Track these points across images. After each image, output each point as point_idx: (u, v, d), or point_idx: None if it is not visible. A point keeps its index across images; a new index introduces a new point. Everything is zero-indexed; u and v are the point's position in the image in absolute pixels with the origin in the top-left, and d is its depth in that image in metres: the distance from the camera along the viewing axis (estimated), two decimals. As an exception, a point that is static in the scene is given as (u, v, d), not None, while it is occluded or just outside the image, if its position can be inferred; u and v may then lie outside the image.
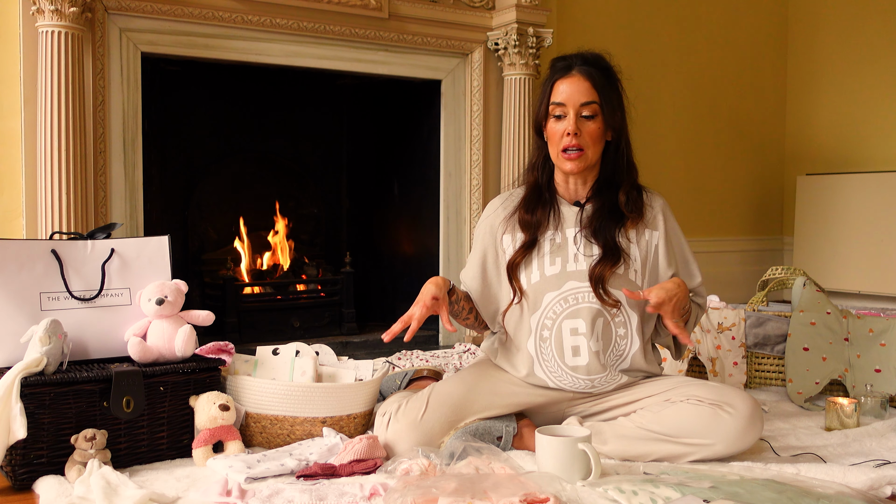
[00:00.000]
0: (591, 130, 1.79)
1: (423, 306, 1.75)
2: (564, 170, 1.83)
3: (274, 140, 3.55)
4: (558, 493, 1.38)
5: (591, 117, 1.79)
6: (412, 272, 3.51)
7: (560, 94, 1.81)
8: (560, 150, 1.81)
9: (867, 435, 2.00)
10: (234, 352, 1.97)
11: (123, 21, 2.64)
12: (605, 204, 1.85)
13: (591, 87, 1.79)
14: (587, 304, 1.81)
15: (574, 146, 1.79)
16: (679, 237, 1.92)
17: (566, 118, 1.80)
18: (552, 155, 1.85)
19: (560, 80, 1.82)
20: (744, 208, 4.65)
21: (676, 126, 4.31)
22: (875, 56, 4.29)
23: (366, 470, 1.64)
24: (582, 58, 1.83)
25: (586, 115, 1.79)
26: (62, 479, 1.58)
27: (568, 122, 1.79)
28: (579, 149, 1.79)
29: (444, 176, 3.30)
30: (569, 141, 1.79)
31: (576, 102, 1.79)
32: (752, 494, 1.41)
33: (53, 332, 1.66)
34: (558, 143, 1.81)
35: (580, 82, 1.80)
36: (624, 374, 1.84)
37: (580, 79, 1.80)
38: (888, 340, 2.32)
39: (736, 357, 2.49)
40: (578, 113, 1.79)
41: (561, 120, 1.81)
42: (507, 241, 1.90)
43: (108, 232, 1.93)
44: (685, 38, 4.31)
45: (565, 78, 1.81)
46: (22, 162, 2.51)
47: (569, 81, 1.80)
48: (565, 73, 1.82)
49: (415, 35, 3.15)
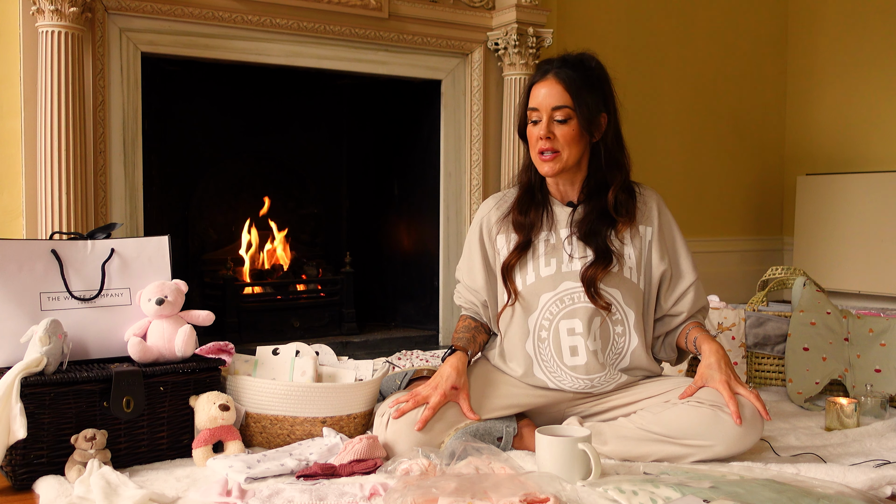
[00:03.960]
0: (565, 133, 1.81)
1: (442, 395, 1.78)
2: (541, 172, 1.86)
3: (274, 140, 3.55)
4: (558, 493, 1.38)
5: (563, 121, 1.81)
6: (412, 272, 3.51)
7: (534, 98, 1.83)
8: (536, 153, 1.84)
9: (867, 435, 2.00)
10: (234, 352, 1.96)
11: (123, 21, 2.64)
12: (597, 206, 1.86)
13: (564, 91, 1.80)
14: (583, 303, 1.81)
15: (548, 149, 1.81)
16: (673, 232, 1.92)
17: (540, 122, 1.82)
18: (532, 157, 1.87)
19: (536, 85, 1.84)
20: (744, 208, 4.65)
21: (676, 126, 4.32)
22: (875, 56, 4.29)
23: (366, 470, 1.64)
24: (562, 60, 1.84)
25: (559, 118, 1.81)
26: (62, 479, 1.58)
27: (540, 127, 1.81)
28: (553, 151, 1.81)
29: (444, 176, 3.30)
30: (542, 145, 1.81)
31: (547, 107, 1.81)
32: (752, 494, 1.41)
33: (53, 332, 1.66)
34: (535, 146, 1.84)
35: (553, 86, 1.81)
36: (624, 374, 1.85)
37: (553, 82, 1.81)
38: (888, 340, 2.32)
39: (736, 357, 2.49)
40: (552, 117, 1.81)
41: (536, 125, 1.83)
42: (501, 241, 1.91)
43: (108, 232, 1.93)
44: (685, 39, 4.31)
45: (540, 82, 1.84)
46: (22, 162, 2.51)
47: (543, 85, 1.83)
48: (541, 77, 1.84)
49: (415, 35, 3.15)
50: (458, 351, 1.88)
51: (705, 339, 1.83)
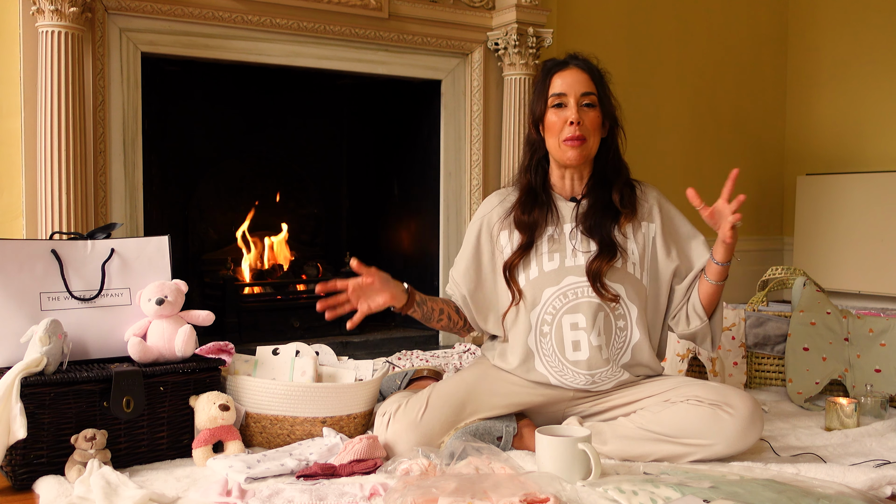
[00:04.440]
0: (592, 118, 1.82)
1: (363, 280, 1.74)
2: (566, 158, 1.83)
3: (274, 140, 3.55)
4: (558, 493, 1.38)
5: (591, 106, 1.82)
6: (412, 272, 3.51)
7: (559, 85, 1.84)
8: (562, 140, 1.82)
9: (867, 435, 2.00)
10: (234, 352, 1.96)
11: (123, 21, 2.64)
12: (600, 200, 1.86)
13: (590, 79, 1.84)
14: (587, 298, 1.81)
15: (577, 136, 1.81)
16: (676, 223, 1.92)
17: (567, 108, 1.82)
18: (552, 147, 1.86)
19: (558, 74, 1.85)
20: (744, 208, 4.54)
21: (676, 126, 4.31)
22: (875, 56, 4.29)
23: (366, 470, 1.64)
24: (574, 56, 1.88)
25: (587, 104, 1.82)
26: (62, 479, 1.58)
27: (570, 111, 1.81)
28: (582, 138, 1.81)
29: (444, 176, 3.30)
30: (572, 131, 1.81)
31: (577, 92, 1.82)
32: (752, 494, 1.41)
33: (53, 332, 1.66)
34: (559, 132, 1.83)
35: (579, 73, 1.84)
36: (625, 370, 1.84)
37: (578, 71, 1.84)
38: (888, 340, 2.32)
39: (736, 357, 2.49)
40: (579, 102, 1.82)
41: (562, 109, 1.83)
42: (503, 238, 1.90)
43: (108, 232, 1.93)
44: (685, 38, 4.31)
45: (563, 71, 1.85)
46: (22, 162, 2.51)
47: (567, 73, 1.84)
48: (562, 67, 1.86)
49: (415, 35, 3.15)
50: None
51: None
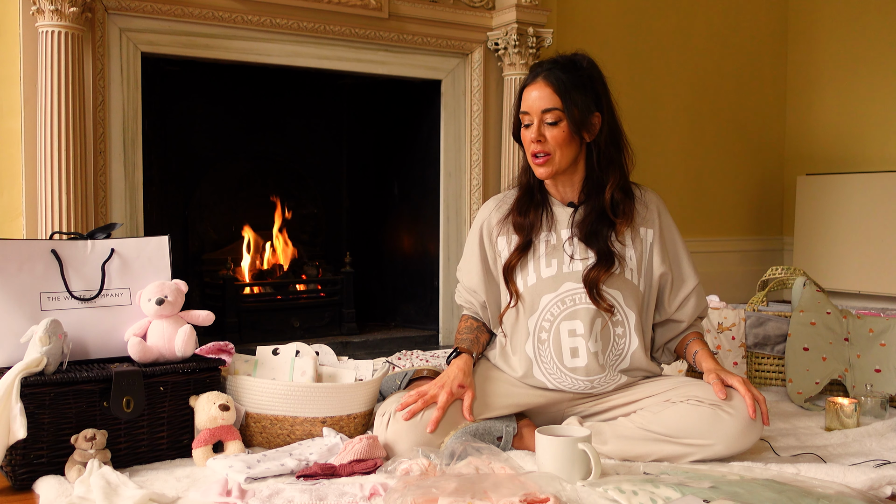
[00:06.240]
0: (555, 136, 1.80)
1: (449, 393, 1.79)
2: (536, 174, 1.86)
3: (274, 140, 3.55)
4: (558, 493, 1.38)
5: (553, 123, 1.80)
6: (412, 272, 3.51)
7: (525, 102, 1.84)
8: (530, 156, 1.84)
9: (867, 435, 2.00)
10: (234, 352, 1.96)
11: (123, 21, 2.64)
12: (596, 206, 1.85)
13: (553, 93, 1.80)
14: (584, 305, 1.81)
15: (540, 152, 1.81)
16: (673, 235, 1.92)
17: (531, 126, 1.82)
18: (528, 160, 1.87)
19: (527, 88, 1.84)
20: (744, 208, 4.65)
21: (676, 126, 4.31)
22: (875, 56, 4.29)
23: (366, 470, 1.64)
24: (553, 62, 1.84)
25: (549, 121, 1.80)
26: (62, 479, 1.58)
27: (532, 130, 1.82)
28: (546, 154, 1.81)
29: (444, 176, 3.30)
30: (534, 148, 1.82)
31: (537, 110, 1.81)
32: (752, 494, 1.41)
33: (53, 332, 1.66)
34: (528, 148, 1.85)
35: (542, 89, 1.81)
36: (623, 374, 1.85)
37: (543, 85, 1.81)
38: (888, 340, 2.32)
39: (736, 357, 2.49)
40: (542, 120, 1.81)
41: (529, 128, 1.83)
42: (501, 243, 1.91)
43: (108, 232, 1.93)
44: (685, 39, 4.31)
45: (531, 85, 1.84)
46: (22, 162, 2.51)
47: (533, 88, 1.82)
48: (532, 80, 1.84)
49: (415, 35, 3.15)
50: (463, 353, 1.89)
51: (705, 357, 1.85)
